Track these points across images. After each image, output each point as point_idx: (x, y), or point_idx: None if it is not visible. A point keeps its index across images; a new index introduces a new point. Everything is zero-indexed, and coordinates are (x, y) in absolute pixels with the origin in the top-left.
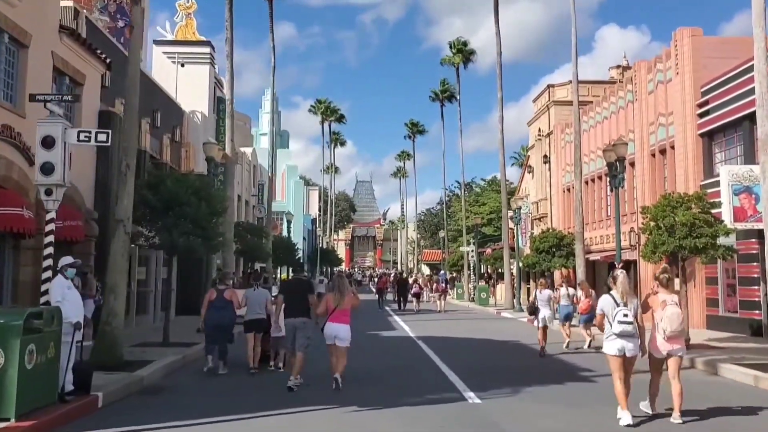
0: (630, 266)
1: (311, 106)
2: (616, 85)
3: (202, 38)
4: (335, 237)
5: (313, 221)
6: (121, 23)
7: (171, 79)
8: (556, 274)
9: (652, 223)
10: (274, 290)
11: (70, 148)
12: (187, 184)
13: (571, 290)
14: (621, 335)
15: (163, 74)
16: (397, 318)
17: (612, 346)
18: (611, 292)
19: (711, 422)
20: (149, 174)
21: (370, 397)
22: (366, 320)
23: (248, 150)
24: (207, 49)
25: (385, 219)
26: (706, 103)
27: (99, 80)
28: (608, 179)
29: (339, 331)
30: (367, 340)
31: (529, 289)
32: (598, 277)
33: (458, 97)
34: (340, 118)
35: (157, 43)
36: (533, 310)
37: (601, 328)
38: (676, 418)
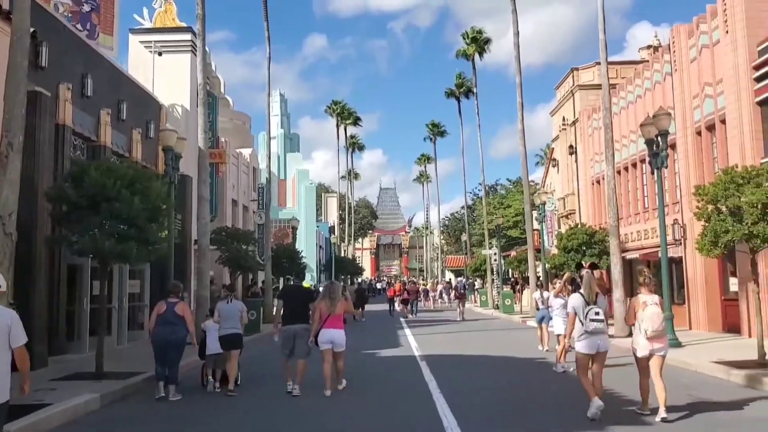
0: (672, 264)
1: (327, 107)
2: (650, 58)
3: (183, 24)
4: (359, 246)
5: (331, 229)
6: (86, 7)
7: (149, 71)
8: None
9: (710, 207)
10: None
11: None
12: (117, 174)
13: (545, 293)
14: (593, 332)
15: (140, 66)
16: (407, 330)
17: (585, 344)
18: (580, 291)
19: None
20: (73, 163)
21: None
22: (371, 334)
23: (246, 151)
24: (188, 36)
25: (410, 226)
26: (766, 63)
27: None
28: (649, 159)
29: (334, 336)
30: (358, 362)
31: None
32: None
33: (475, 91)
34: (356, 121)
35: (134, 31)
36: None
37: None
38: (662, 414)
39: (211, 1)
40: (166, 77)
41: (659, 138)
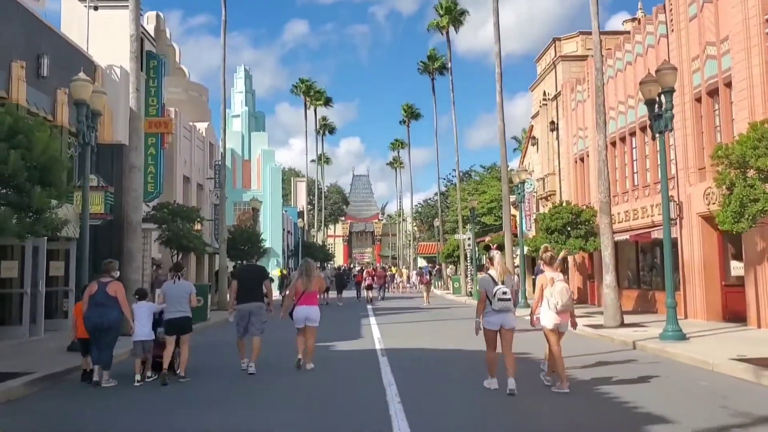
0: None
1: (293, 85)
2: (642, 20)
3: None
4: (331, 233)
5: (300, 214)
6: None
7: (84, 28)
8: (569, 259)
9: (733, 172)
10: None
11: None
12: None
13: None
14: (501, 311)
15: (75, 22)
16: (372, 319)
17: (490, 320)
18: (489, 271)
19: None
20: None
21: None
22: (333, 322)
23: (202, 125)
24: None
25: (383, 214)
26: None
27: None
28: (649, 124)
29: (309, 313)
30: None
31: (534, 280)
32: (623, 260)
33: (449, 66)
34: (327, 102)
35: None
36: None
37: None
38: (562, 387)
39: None
40: (103, 35)
41: (662, 97)
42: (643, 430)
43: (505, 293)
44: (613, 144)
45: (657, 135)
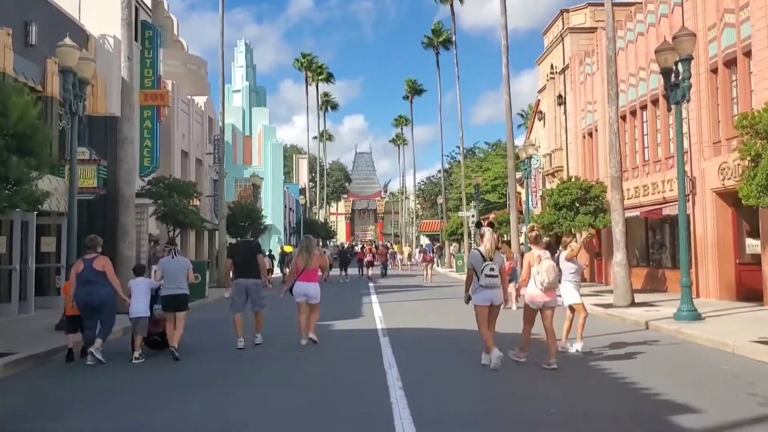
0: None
1: (295, 59)
2: None
3: None
4: (333, 210)
5: (301, 191)
6: None
7: None
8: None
9: (759, 143)
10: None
11: None
12: None
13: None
14: (488, 287)
15: None
16: (373, 297)
17: (480, 297)
18: (479, 248)
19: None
20: None
21: None
22: (335, 299)
23: (201, 99)
24: None
25: (386, 191)
26: None
27: None
28: (663, 94)
29: (308, 289)
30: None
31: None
32: (632, 237)
33: (454, 39)
34: (329, 77)
35: None
36: None
37: (469, 282)
38: (551, 364)
39: None
40: (97, 5)
41: (679, 65)
42: (666, 420)
43: (492, 269)
44: (623, 118)
45: (673, 106)
